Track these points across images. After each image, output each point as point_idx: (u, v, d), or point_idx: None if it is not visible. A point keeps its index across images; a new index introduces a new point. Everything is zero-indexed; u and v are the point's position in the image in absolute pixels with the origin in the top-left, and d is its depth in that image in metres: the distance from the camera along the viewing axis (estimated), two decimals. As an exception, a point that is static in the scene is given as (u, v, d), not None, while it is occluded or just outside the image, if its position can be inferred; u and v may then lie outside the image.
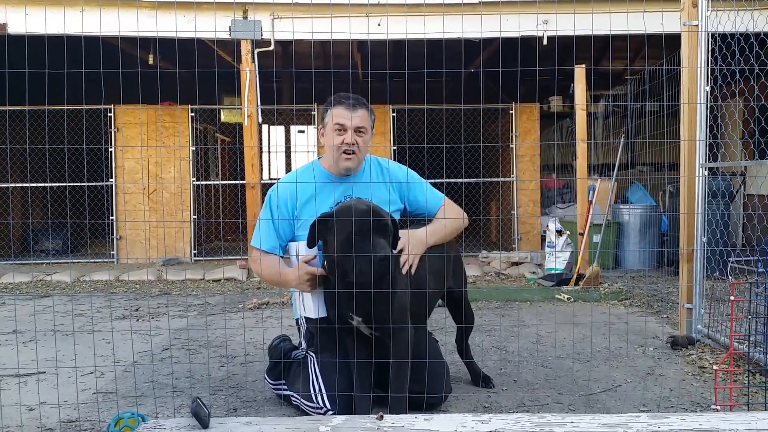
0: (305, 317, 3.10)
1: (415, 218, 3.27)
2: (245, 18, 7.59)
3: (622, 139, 7.83)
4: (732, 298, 3.07)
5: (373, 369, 2.88)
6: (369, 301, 2.68)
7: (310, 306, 2.99)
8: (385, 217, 2.72)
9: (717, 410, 2.90)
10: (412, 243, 2.94)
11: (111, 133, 9.44)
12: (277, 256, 3.13)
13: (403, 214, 3.27)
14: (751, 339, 3.49)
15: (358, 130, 3.07)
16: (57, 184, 9.30)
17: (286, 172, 16.14)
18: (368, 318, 2.75)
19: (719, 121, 4.33)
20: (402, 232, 2.93)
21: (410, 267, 2.91)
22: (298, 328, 3.27)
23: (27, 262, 9.27)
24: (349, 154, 3.07)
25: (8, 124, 8.97)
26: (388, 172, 3.24)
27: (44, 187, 9.56)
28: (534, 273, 7.73)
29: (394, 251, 2.84)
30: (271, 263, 3.09)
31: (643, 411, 3.04)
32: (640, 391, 3.36)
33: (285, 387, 3.15)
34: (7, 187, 9.50)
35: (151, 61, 9.28)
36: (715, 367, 3.26)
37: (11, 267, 8.78)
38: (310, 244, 2.80)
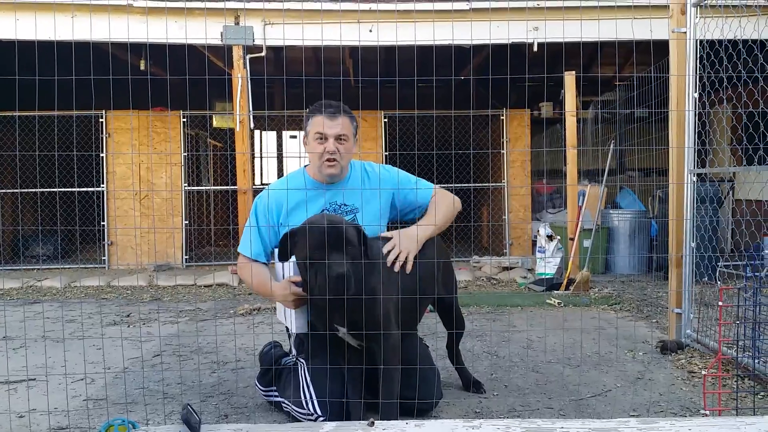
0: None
1: (409, 220, 3.26)
2: (237, 24, 7.60)
3: (612, 145, 7.88)
4: (720, 303, 3.09)
5: (364, 375, 2.89)
6: (349, 311, 2.67)
7: (292, 320, 2.98)
8: (342, 228, 2.66)
9: (706, 415, 2.92)
10: (404, 240, 2.92)
11: (102, 138, 9.41)
12: (264, 264, 3.14)
13: (396, 218, 3.27)
14: (739, 344, 3.52)
15: (339, 138, 3.06)
16: (47, 190, 9.27)
17: (278, 178, 16.09)
18: (352, 327, 2.75)
19: (708, 127, 4.36)
20: (393, 233, 2.96)
21: (404, 264, 2.89)
22: (289, 335, 3.27)
23: (17, 267, 9.22)
24: (332, 161, 3.06)
25: (-2, 130, 8.95)
26: (378, 176, 3.23)
27: (35, 192, 9.52)
28: (525, 278, 7.75)
29: (384, 251, 2.86)
30: (260, 273, 3.09)
31: (633, 416, 3.06)
32: (629, 396, 3.37)
33: (276, 394, 3.16)
34: (-3, 192, 9.46)
35: (142, 67, 9.27)
36: (704, 371, 3.28)
37: (1, 273, 8.73)
38: (282, 258, 2.82)
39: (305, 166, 3.28)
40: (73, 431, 2.95)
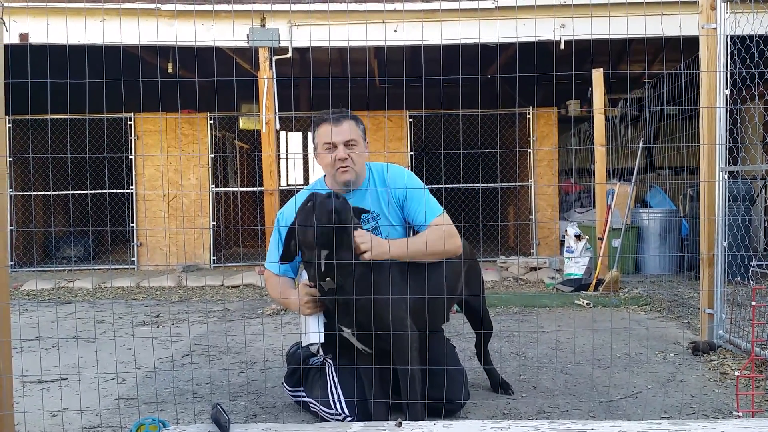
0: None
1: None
2: (263, 26, 7.65)
3: (641, 143, 7.78)
4: (753, 303, 3.04)
5: (391, 375, 2.88)
6: (351, 309, 2.71)
7: (307, 329, 2.91)
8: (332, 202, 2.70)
9: (739, 417, 2.87)
10: (373, 242, 2.78)
11: (131, 141, 9.54)
12: (289, 278, 3.14)
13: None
14: (773, 344, 3.45)
15: (347, 144, 3.01)
16: (79, 192, 9.41)
17: (304, 179, 15.98)
18: (359, 328, 2.75)
19: (739, 124, 4.29)
20: (366, 233, 2.83)
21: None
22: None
23: (49, 269, 9.38)
24: (345, 167, 3.01)
25: (31, 133, 9.11)
26: (394, 181, 3.14)
27: (66, 194, 9.68)
28: (553, 278, 7.69)
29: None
30: (283, 283, 3.09)
31: (664, 418, 3.02)
32: (660, 398, 3.33)
33: (303, 394, 3.16)
34: (30, 195, 9.63)
35: (170, 70, 9.37)
36: (737, 373, 3.23)
37: (34, 274, 8.89)
38: (285, 258, 2.85)
39: (324, 176, 3.25)
40: (105, 430, 2.99)
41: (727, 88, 4.13)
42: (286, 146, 15.06)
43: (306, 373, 3.19)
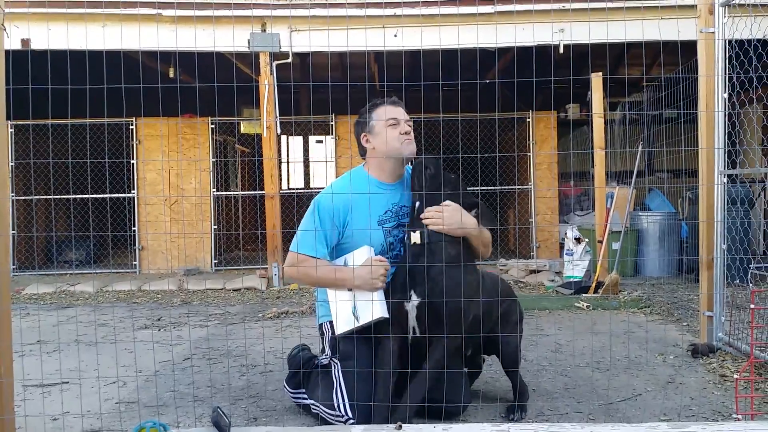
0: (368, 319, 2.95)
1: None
2: (263, 31, 7.67)
3: (640, 147, 7.79)
4: (752, 305, 3.05)
5: (392, 380, 2.89)
6: (430, 279, 2.82)
7: (380, 299, 2.92)
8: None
9: (738, 419, 2.88)
10: (453, 210, 2.95)
11: (132, 145, 9.56)
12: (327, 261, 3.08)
13: None
14: (772, 347, 3.46)
15: (407, 123, 3.21)
16: (80, 196, 9.43)
17: (305, 183, 15.88)
18: (424, 297, 2.82)
19: (738, 128, 4.30)
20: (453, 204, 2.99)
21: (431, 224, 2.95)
22: (322, 335, 3.26)
23: (51, 273, 9.40)
24: (410, 139, 3.20)
25: (32, 138, 9.13)
26: None
27: (67, 199, 9.69)
28: (552, 281, 7.70)
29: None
30: (335, 264, 3.07)
31: (664, 420, 3.03)
32: (660, 400, 3.34)
33: (305, 396, 3.17)
34: (31, 199, 9.65)
35: (171, 75, 9.40)
36: (736, 375, 3.24)
37: (35, 278, 8.90)
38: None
39: (362, 165, 3.29)
40: (107, 433, 3.01)
41: (725, 92, 4.14)
42: (287, 150, 15.09)
43: (307, 375, 3.20)
